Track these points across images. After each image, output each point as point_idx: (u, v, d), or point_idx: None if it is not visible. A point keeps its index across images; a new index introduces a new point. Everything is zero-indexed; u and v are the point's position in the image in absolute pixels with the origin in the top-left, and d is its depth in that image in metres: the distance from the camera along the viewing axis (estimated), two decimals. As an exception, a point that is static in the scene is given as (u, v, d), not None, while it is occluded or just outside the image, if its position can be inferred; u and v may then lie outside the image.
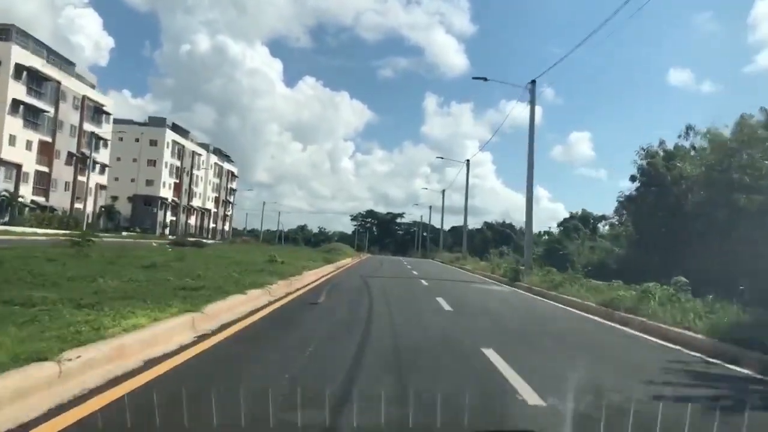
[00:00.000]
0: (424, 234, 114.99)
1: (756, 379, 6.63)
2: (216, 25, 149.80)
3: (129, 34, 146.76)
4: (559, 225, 52.27)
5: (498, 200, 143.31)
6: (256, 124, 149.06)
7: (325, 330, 7.96)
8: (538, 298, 17.95)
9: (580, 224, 45.48)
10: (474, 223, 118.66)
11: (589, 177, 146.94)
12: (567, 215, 46.43)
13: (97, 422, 3.39)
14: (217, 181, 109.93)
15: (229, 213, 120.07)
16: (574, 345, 8.62)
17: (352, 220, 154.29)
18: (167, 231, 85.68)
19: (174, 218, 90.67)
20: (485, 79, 28.33)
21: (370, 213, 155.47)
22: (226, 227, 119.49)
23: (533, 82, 26.04)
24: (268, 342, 6.69)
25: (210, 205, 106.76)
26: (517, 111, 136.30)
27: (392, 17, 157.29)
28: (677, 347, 8.62)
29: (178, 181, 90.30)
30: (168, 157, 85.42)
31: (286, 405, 3.90)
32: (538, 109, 27.01)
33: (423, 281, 21.68)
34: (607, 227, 46.33)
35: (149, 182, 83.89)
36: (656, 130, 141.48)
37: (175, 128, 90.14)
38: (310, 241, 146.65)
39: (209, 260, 17.29)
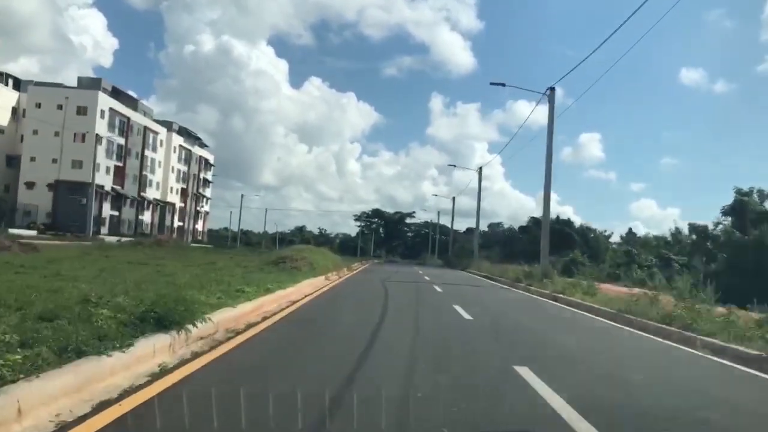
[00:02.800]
0: (442, 236, 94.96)
1: None
2: (219, 25, 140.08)
3: (133, 34, 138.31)
4: (726, 212, 30.10)
5: (507, 203, 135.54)
6: (262, 126, 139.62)
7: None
8: None
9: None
10: (482, 226, 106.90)
11: (599, 179, 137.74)
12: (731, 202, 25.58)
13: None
14: (183, 168, 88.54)
15: (202, 209, 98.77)
16: None
17: (356, 220, 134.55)
18: (105, 229, 64.58)
19: (116, 213, 69.45)
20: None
21: (376, 212, 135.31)
22: (200, 226, 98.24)
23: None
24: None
25: (174, 198, 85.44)
26: (527, 111, 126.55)
27: (397, 13, 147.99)
28: None
29: (121, 164, 69.04)
30: (104, 131, 64.04)
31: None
32: (545, 110, 23.12)
33: None
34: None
35: (77, 164, 62.53)
36: (668, 131, 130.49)
37: (117, 94, 68.85)
38: (310, 244, 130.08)
39: None
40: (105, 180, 65.46)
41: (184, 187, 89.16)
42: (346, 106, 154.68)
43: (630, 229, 58.91)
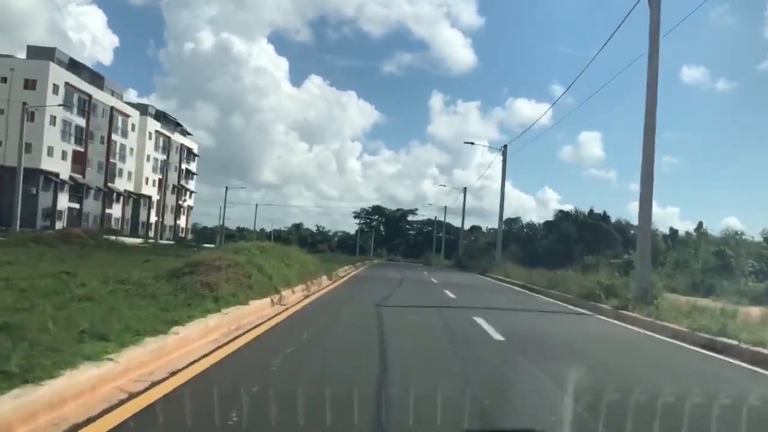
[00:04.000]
0: (448, 235, 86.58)
1: None
2: (219, 23, 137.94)
3: (132, 31, 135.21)
4: None
5: (507, 202, 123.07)
6: (262, 124, 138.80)
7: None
8: None
9: None
10: (481, 225, 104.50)
11: (599, 178, 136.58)
12: None
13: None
14: (161, 157, 79.35)
15: (185, 203, 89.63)
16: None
17: (355, 217, 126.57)
18: (62, 224, 55.56)
19: (77, 205, 60.38)
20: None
21: (377, 209, 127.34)
22: (182, 222, 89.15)
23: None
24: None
25: (150, 190, 76.35)
26: (527, 110, 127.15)
27: (396, 9, 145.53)
28: None
29: (81, 148, 59.94)
30: (58, 109, 54.93)
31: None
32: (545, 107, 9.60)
33: None
34: None
35: (25, 147, 53.33)
36: (669, 130, 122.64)
37: (77, 68, 59.78)
38: (306, 243, 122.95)
39: None
40: (61, 167, 56.44)
41: (161, 178, 79.93)
42: (347, 105, 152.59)
43: (700, 224, 48.96)
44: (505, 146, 35.43)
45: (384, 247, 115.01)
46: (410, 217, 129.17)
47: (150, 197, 75.58)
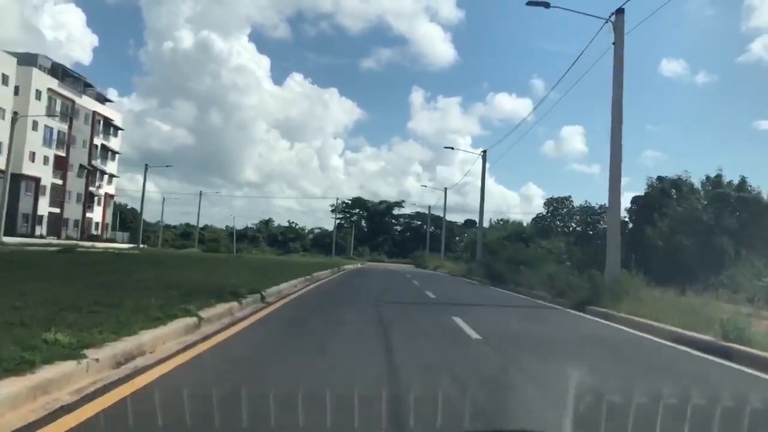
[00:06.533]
0: (437, 230, 67.87)
1: None
2: (199, 21, 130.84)
3: (111, 30, 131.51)
4: None
5: (491, 199, 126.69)
6: (243, 122, 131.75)
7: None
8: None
9: None
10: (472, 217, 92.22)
11: (581, 173, 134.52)
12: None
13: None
14: (62, 127, 58.23)
15: (101, 190, 68.27)
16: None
17: (332, 211, 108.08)
18: None
19: None
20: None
21: (358, 202, 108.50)
22: (97, 216, 67.90)
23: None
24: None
25: (42, 170, 55.30)
26: (508, 104, 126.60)
27: (374, 3, 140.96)
28: None
29: None
30: None
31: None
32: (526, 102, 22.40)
33: None
34: None
35: None
36: (649, 124, 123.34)
37: None
38: (277, 241, 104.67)
39: None
40: None
41: (63, 155, 58.96)
42: (329, 102, 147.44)
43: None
44: (622, 9, 15.45)
45: (366, 245, 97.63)
46: (396, 211, 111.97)
47: (38, 179, 54.53)
